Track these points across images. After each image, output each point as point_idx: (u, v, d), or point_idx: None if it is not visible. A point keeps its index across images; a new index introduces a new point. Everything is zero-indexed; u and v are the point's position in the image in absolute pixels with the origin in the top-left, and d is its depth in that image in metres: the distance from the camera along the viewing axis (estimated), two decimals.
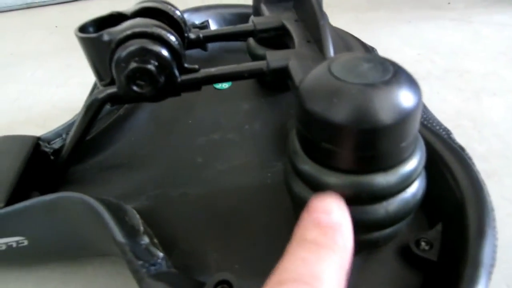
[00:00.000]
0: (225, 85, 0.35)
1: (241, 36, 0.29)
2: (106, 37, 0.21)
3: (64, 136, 0.33)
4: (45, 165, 0.31)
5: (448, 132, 0.29)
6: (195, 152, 0.31)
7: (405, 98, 0.16)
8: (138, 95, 0.21)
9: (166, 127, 0.33)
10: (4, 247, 0.27)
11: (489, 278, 0.17)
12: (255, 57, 0.33)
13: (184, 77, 0.22)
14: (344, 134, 0.16)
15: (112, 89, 0.22)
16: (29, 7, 0.82)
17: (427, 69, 0.51)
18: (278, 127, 0.32)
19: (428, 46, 0.56)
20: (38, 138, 0.32)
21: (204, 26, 0.39)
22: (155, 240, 0.21)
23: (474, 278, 0.17)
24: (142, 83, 0.21)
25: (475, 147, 0.39)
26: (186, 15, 0.39)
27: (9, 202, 0.25)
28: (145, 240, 0.20)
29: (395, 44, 0.57)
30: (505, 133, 0.40)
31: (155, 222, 0.23)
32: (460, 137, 0.38)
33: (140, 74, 0.21)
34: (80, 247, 0.28)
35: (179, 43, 0.22)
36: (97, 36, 0.22)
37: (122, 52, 0.21)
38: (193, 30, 0.26)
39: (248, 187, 0.27)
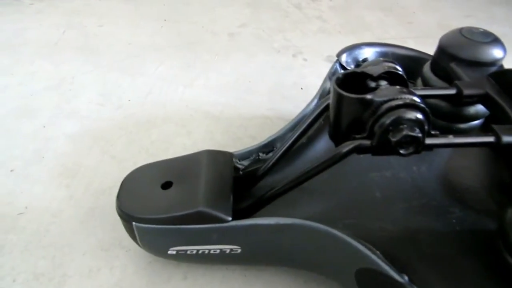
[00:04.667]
0: None
1: (444, 97, 0.33)
2: (376, 99, 0.25)
3: (253, 156, 0.37)
4: (237, 180, 0.35)
5: None
6: (372, 186, 0.35)
7: None
8: (396, 152, 0.25)
9: None
10: (218, 251, 0.32)
11: None
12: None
13: (429, 140, 0.26)
14: None
15: (365, 142, 0.26)
16: None
17: None
18: (443, 172, 0.36)
19: None
20: (232, 154, 0.36)
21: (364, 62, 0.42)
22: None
23: None
24: (408, 147, 0.25)
25: None
26: (352, 50, 0.43)
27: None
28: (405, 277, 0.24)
29: None
30: None
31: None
32: None
33: (408, 140, 0.25)
34: (289, 260, 0.32)
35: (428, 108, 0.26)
36: (368, 99, 0.25)
37: (391, 117, 0.25)
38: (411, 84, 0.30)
39: (439, 230, 0.31)
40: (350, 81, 0.29)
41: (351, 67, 0.42)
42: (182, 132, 0.51)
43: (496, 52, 0.34)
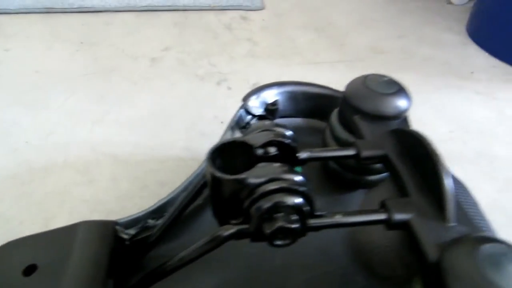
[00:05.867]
0: None
1: (342, 158, 0.30)
2: (249, 181, 0.22)
3: (141, 223, 0.32)
4: (121, 251, 0.31)
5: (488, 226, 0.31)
6: (272, 253, 0.31)
7: None
8: (271, 243, 0.22)
9: None
10: None
11: None
12: (338, 140, 0.34)
13: (313, 221, 0.23)
14: None
15: (243, 227, 0.22)
16: (48, 12, 0.79)
17: (459, 150, 0.54)
18: (350, 231, 0.33)
19: (458, 122, 0.59)
20: (116, 223, 0.32)
21: (275, 107, 0.39)
22: None
23: None
24: (283, 238, 0.22)
25: None
26: (260, 93, 0.39)
27: None
28: None
29: (427, 115, 0.60)
30: None
31: None
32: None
33: (283, 232, 0.21)
34: None
35: (310, 190, 0.22)
36: (240, 179, 0.22)
37: (267, 203, 0.21)
38: (302, 151, 0.27)
39: None
40: (236, 149, 0.25)
41: (259, 111, 0.39)
42: (83, 181, 0.45)
43: (400, 104, 0.32)
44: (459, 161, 0.52)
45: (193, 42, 0.73)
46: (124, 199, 0.41)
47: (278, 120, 0.40)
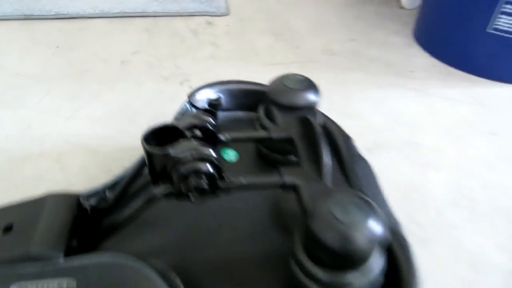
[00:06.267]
0: (233, 159, 0.44)
1: (257, 140, 0.38)
2: (172, 154, 0.29)
3: (101, 194, 0.39)
4: (84, 218, 0.38)
5: (396, 224, 0.39)
6: (209, 217, 0.39)
7: (373, 231, 0.26)
8: (189, 199, 0.30)
9: None
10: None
11: None
12: (263, 128, 0.42)
13: (221, 183, 0.30)
14: (338, 254, 0.25)
15: (169, 189, 0.30)
16: (27, 18, 0.85)
17: (389, 139, 0.62)
18: (275, 201, 0.41)
19: (393, 115, 0.67)
20: (79, 195, 0.39)
21: (218, 102, 0.47)
22: None
23: None
24: (198, 196, 0.29)
25: (417, 216, 0.49)
26: (202, 91, 0.47)
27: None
28: None
29: (365, 110, 0.68)
30: (442, 205, 0.51)
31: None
32: (407, 208, 0.49)
33: (196, 188, 0.29)
34: None
35: (217, 155, 0.30)
36: (165, 154, 0.29)
37: (183, 168, 0.29)
38: (222, 134, 0.34)
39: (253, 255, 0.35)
40: (168, 132, 0.33)
41: (203, 105, 0.46)
42: (57, 168, 0.52)
43: (307, 97, 0.40)
44: (388, 148, 0.60)
45: (161, 46, 0.80)
46: (93, 182, 0.48)
47: (220, 113, 0.48)
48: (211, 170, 0.30)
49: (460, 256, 0.46)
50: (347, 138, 0.45)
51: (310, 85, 0.41)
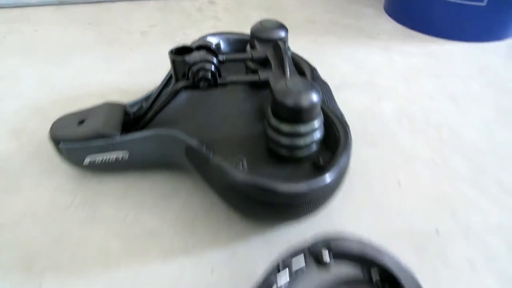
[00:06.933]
0: None
1: (243, 60, 0.56)
2: (188, 60, 0.47)
3: (139, 105, 0.58)
4: (127, 120, 0.56)
5: (342, 115, 0.56)
6: (218, 111, 0.56)
7: (313, 96, 0.43)
8: (199, 87, 0.48)
9: (198, 98, 0.58)
10: (114, 158, 0.52)
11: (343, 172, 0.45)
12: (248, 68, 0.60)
13: (221, 80, 0.48)
14: (290, 110, 0.43)
15: (187, 83, 0.48)
16: (61, 3, 1.04)
17: (353, 80, 0.79)
18: (259, 106, 0.59)
19: (358, 65, 0.84)
20: (125, 105, 0.57)
21: (218, 46, 0.65)
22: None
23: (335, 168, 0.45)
24: (203, 82, 0.47)
25: (369, 128, 0.67)
26: (208, 37, 0.65)
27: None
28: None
29: (337, 62, 0.85)
30: (388, 121, 0.69)
31: None
32: (362, 124, 0.67)
33: (203, 78, 0.47)
34: (162, 163, 0.53)
35: (218, 63, 0.48)
36: (183, 59, 0.47)
37: (195, 67, 0.46)
38: (220, 55, 0.52)
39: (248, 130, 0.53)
40: (185, 50, 0.51)
41: None
42: (101, 101, 0.70)
43: (279, 33, 0.57)
44: (351, 86, 0.78)
45: (172, 20, 0.98)
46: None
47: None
48: (213, 68, 0.48)
49: (397, 151, 0.63)
50: (312, 67, 0.62)
51: (281, 26, 0.58)
